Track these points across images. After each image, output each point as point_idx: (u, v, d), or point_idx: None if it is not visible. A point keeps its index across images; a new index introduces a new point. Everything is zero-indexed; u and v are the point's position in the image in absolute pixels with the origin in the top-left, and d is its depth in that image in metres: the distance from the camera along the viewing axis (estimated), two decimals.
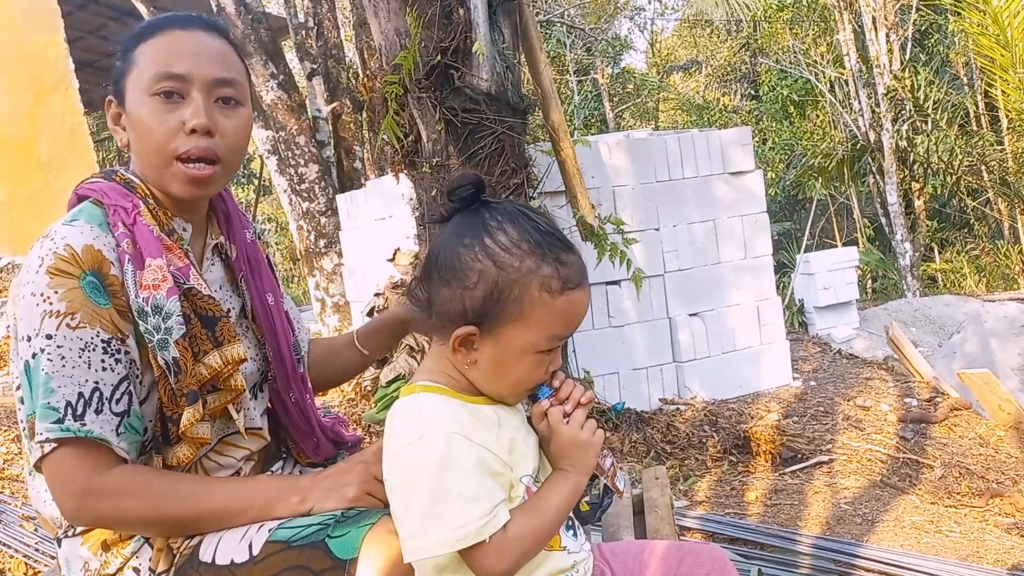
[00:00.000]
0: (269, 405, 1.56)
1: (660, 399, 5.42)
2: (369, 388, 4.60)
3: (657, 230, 5.52)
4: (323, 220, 6.69)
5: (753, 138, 6.20)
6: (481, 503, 1.13)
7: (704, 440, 4.66)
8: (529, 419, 1.31)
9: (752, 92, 18.16)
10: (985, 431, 4.95)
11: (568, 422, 1.24)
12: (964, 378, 5.33)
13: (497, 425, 1.21)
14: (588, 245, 4.26)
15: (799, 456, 4.44)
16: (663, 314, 5.53)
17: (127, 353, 1.28)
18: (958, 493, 4.19)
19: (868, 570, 3.01)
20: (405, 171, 4.10)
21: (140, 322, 1.27)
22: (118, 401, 1.26)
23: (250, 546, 1.30)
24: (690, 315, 5.59)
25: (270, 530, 1.31)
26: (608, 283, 5.31)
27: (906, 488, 4.16)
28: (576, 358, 4.93)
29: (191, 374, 1.31)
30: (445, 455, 1.13)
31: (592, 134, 8.80)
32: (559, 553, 1.26)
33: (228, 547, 1.31)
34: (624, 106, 18.26)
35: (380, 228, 5.86)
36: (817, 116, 14.61)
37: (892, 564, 3.02)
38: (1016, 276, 11.78)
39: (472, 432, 1.16)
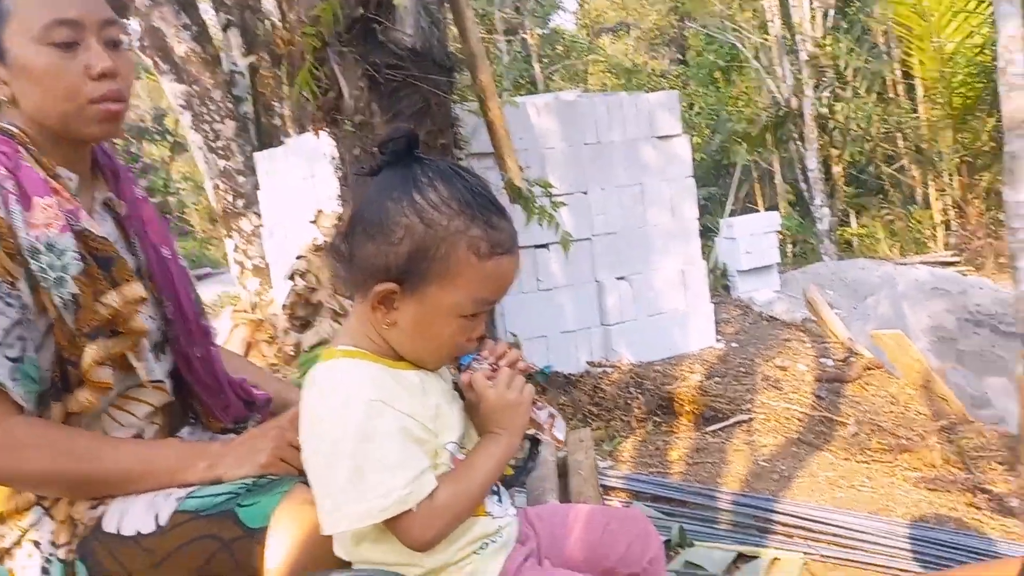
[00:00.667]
0: (174, 366, 1.50)
1: (587, 362, 5.46)
2: (292, 353, 4.51)
3: (585, 193, 5.52)
4: (241, 179, 6.46)
5: (680, 103, 6.22)
6: (405, 471, 1.09)
7: (630, 402, 4.72)
8: (456, 386, 1.27)
9: (680, 57, 18.27)
10: (896, 389, 5.15)
11: (494, 384, 1.21)
12: (877, 339, 5.52)
13: (421, 391, 1.17)
14: (516, 208, 4.22)
15: (720, 416, 4.54)
16: (591, 277, 5.55)
17: (18, 297, 1.23)
18: (869, 449, 4.34)
19: (784, 524, 3.10)
20: (327, 129, 3.97)
21: (33, 261, 1.22)
22: (11, 346, 1.21)
23: (157, 516, 1.26)
24: (617, 278, 5.63)
25: (178, 499, 1.27)
26: (536, 246, 5.29)
27: (821, 445, 4.29)
28: (504, 321, 4.92)
29: (91, 311, 1.27)
30: (367, 423, 1.08)
31: (521, 95, 8.74)
32: (484, 519, 1.23)
33: (134, 518, 1.26)
34: (553, 67, 18.17)
35: (301, 188, 5.70)
36: (742, 82, 14.80)
37: (807, 518, 3.12)
38: (927, 240, 12.24)
39: (395, 399, 1.12)
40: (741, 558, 2.79)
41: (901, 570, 2.76)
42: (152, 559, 1.25)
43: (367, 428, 1.08)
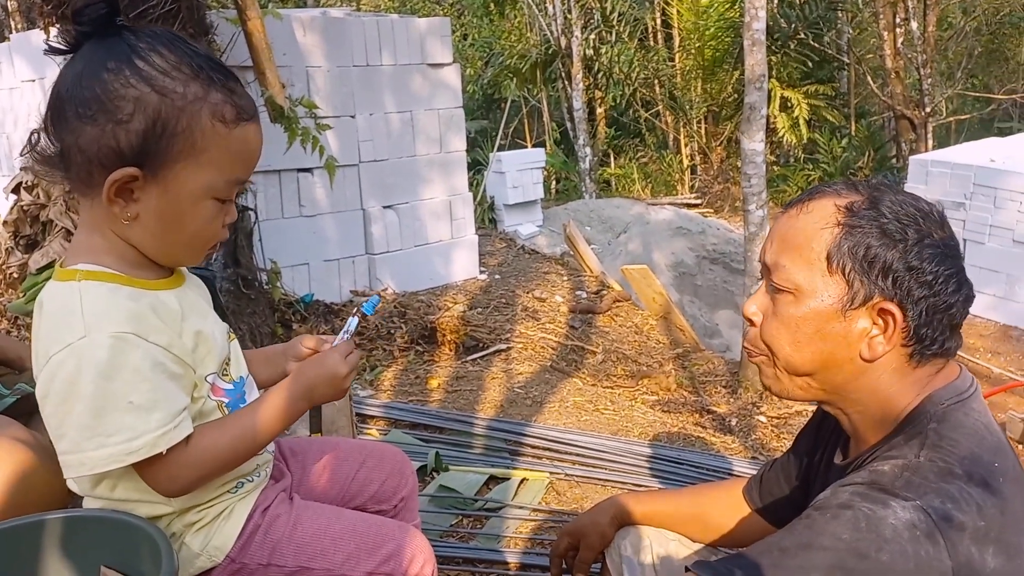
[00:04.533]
0: None
1: (351, 291, 5.39)
2: (16, 275, 4.04)
3: (353, 117, 5.35)
4: None
5: (453, 32, 6.17)
6: (158, 411, 0.98)
7: (393, 331, 4.72)
8: (214, 284, 1.18)
9: None
10: (640, 320, 5.56)
11: (346, 359, 1.15)
12: (626, 273, 5.92)
13: (180, 316, 1.05)
14: (278, 128, 4.00)
15: (480, 345, 4.67)
16: (357, 205, 5.43)
17: None
18: (614, 375, 4.68)
19: (533, 447, 3.27)
20: (58, 25, 3.52)
21: None
22: None
23: None
24: (384, 207, 5.56)
25: None
26: (300, 170, 5.08)
27: (571, 372, 4.56)
28: (263, 247, 4.70)
29: None
30: (113, 358, 0.96)
31: (287, 7, 8.24)
32: None
33: None
34: None
35: (28, 90, 5.05)
36: (515, 17, 14.97)
37: (554, 440, 3.31)
38: (675, 183, 13.22)
39: (147, 330, 0.99)
40: (493, 480, 2.91)
41: (637, 485, 3.01)
42: None
43: (113, 364, 0.96)
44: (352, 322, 1.22)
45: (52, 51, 1.01)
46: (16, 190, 4.03)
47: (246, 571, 1.14)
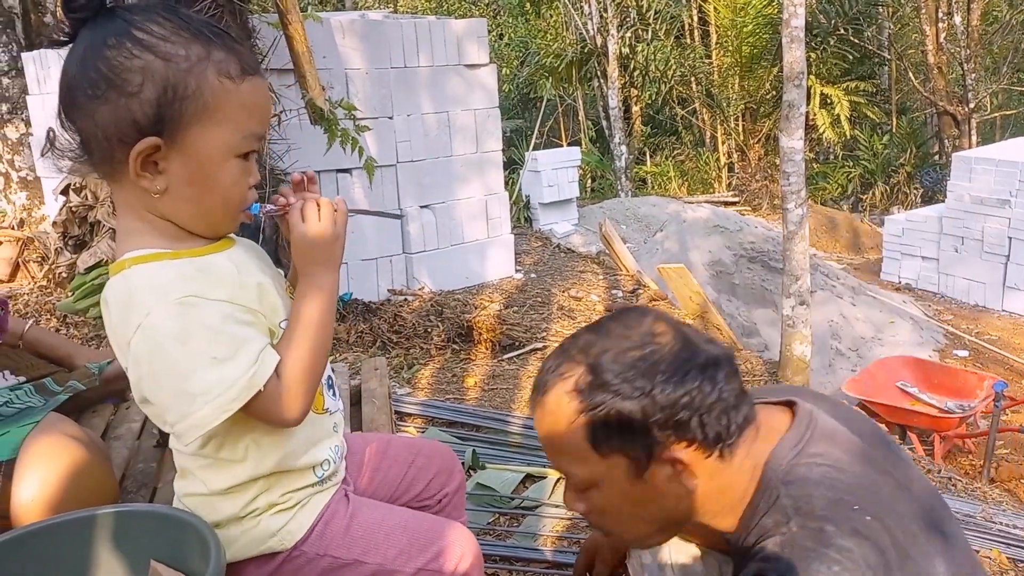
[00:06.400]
0: None
1: (389, 290, 5.44)
2: (65, 275, 4.14)
3: (391, 118, 5.40)
4: (5, 81, 5.76)
5: (490, 32, 6.20)
6: (242, 355, 1.01)
7: (430, 329, 4.76)
8: (274, 254, 1.20)
9: None
10: (677, 318, 5.53)
11: (304, 219, 1.13)
12: (662, 271, 5.89)
13: (236, 272, 1.07)
14: (317, 130, 4.06)
15: (517, 343, 4.69)
16: (395, 205, 5.48)
17: None
18: None
19: None
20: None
21: None
22: None
23: None
24: (421, 207, 5.60)
25: None
26: (339, 171, 5.15)
27: None
28: None
29: None
30: (182, 323, 0.99)
31: (327, 11, 8.33)
32: (323, 416, 1.21)
33: None
34: None
35: None
36: (551, 16, 14.96)
37: None
38: (713, 181, 13.11)
39: (205, 288, 1.02)
40: (529, 478, 2.93)
41: None
42: None
43: (184, 328, 0.99)
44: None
45: (52, 44, 1.03)
46: (65, 192, 4.13)
47: (303, 559, 1.17)
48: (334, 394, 1.25)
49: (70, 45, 1.02)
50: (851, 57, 12.20)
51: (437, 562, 1.21)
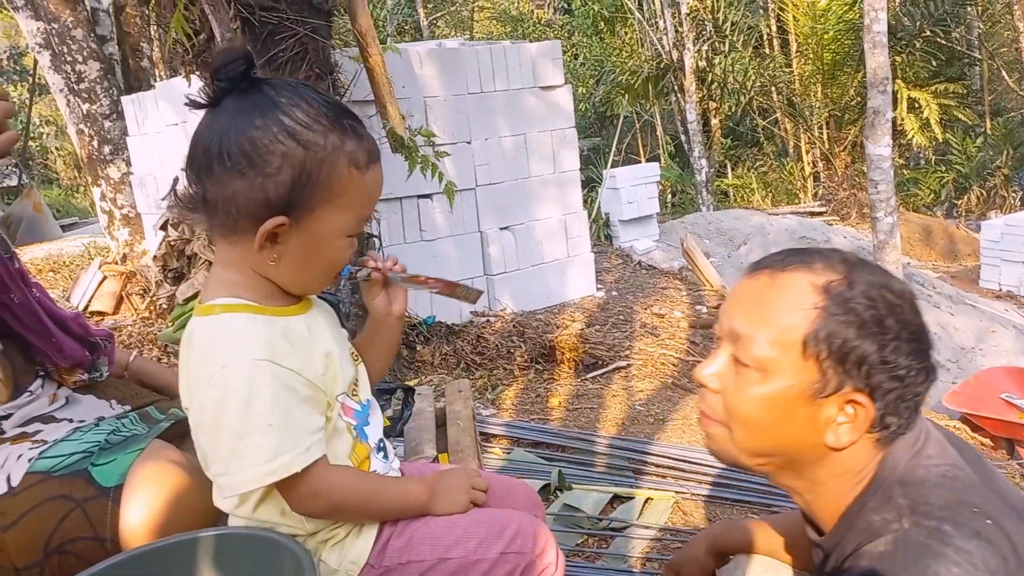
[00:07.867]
0: None
1: (471, 312, 5.49)
2: (165, 306, 4.34)
3: (469, 143, 5.49)
4: (107, 124, 6.08)
5: (564, 53, 6.24)
6: (294, 432, 1.06)
7: (512, 350, 4.78)
8: (339, 308, 1.26)
9: (565, 5, 18.25)
10: None
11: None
12: None
13: (308, 340, 1.12)
14: (398, 157, 4.16)
15: (600, 362, 4.67)
16: (474, 228, 5.55)
17: None
18: None
19: (657, 465, 3.24)
20: (198, 72, 3.78)
21: None
22: None
23: (8, 477, 1.22)
24: (501, 229, 5.66)
25: (30, 460, 1.23)
26: (420, 196, 5.24)
27: (694, 389, 4.48)
28: None
29: None
30: (251, 385, 1.04)
31: (405, 42, 8.53)
32: None
33: None
34: (438, 14, 17.83)
35: (172, 134, 5.43)
36: (626, 33, 14.94)
37: (678, 459, 3.26)
38: (797, 191, 12.82)
39: (281, 356, 1.07)
40: (616, 499, 2.91)
41: (766, 506, 2.94)
42: (3, 521, 1.21)
43: (252, 391, 1.04)
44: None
45: (193, 105, 1.09)
46: (164, 227, 4.34)
47: (388, 575, 1.20)
48: (384, 456, 1.27)
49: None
50: (939, 59, 11.79)
51: (516, 544, 1.21)
